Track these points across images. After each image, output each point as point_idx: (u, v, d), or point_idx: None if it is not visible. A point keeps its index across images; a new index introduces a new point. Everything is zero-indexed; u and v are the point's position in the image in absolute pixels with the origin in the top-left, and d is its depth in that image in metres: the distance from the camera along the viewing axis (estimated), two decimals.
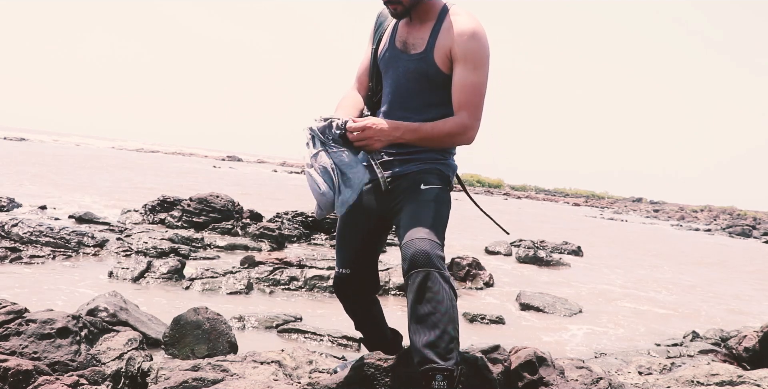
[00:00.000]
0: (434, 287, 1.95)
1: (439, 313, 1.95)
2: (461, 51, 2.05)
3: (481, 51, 2.06)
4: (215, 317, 3.50)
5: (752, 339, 4.42)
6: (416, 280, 1.95)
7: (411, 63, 2.14)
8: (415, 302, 1.97)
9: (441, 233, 2.06)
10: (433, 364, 1.92)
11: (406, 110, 2.17)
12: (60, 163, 21.62)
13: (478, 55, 2.06)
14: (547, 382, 2.63)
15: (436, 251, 1.98)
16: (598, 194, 61.47)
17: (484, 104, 2.09)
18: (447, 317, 1.95)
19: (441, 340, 1.94)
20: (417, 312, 1.97)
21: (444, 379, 1.93)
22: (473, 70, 2.05)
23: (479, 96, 2.07)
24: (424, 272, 1.94)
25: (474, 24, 2.08)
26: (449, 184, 2.24)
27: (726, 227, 30.90)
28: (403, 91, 2.18)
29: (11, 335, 2.83)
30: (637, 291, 8.14)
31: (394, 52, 2.20)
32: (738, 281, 10.68)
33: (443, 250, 2.03)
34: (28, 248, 5.92)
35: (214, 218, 8.60)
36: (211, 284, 5.47)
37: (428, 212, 2.06)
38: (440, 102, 2.14)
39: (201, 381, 2.58)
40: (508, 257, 10.00)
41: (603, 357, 4.48)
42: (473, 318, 5.42)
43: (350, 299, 2.44)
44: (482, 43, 2.07)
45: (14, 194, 9.81)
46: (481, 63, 2.06)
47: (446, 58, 2.09)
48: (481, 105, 2.07)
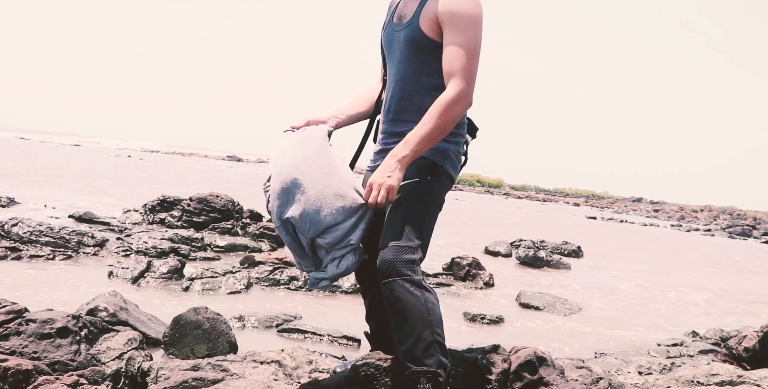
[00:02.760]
0: (401, 297, 1.95)
1: (411, 321, 1.96)
2: (446, 14, 1.97)
3: (466, 11, 1.96)
4: (215, 317, 3.50)
5: (752, 339, 4.42)
6: (385, 293, 1.99)
7: (401, 33, 2.10)
8: (389, 314, 2.02)
9: (413, 232, 2.01)
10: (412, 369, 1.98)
11: (403, 82, 2.12)
12: (60, 163, 21.62)
13: (462, 16, 1.96)
14: (547, 382, 2.63)
15: (401, 257, 1.96)
16: (598, 194, 61.47)
17: (475, 64, 1.94)
18: (421, 323, 1.96)
19: (416, 347, 1.97)
20: (392, 324, 2.03)
21: (428, 381, 1.96)
22: (459, 31, 1.96)
23: (465, 57, 1.94)
24: (389, 283, 1.96)
25: None
26: (431, 172, 2.09)
27: (726, 227, 30.91)
28: (400, 64, 2.13)
29: (11, 335, 2.83)
30: (636, 291, 8.14)
31: (391, 27, 2.17)
32: (738, 280, 10.68)
33: (416, 250, 1.99)
34: (28, 248, 5.92)
35: (214, 218, 8.59)
36: (211, 284, 5.47)
37: (399, 214, 2.02)
38: (432, 71, 2.06)
39: (201, 380, 2.58)
40: (508, 258, 10.00)
41: (603, 357, 4.48)
42: (473, 318, 5.42)
43: (368, 283, 2.38)
44: (466, 3, 1.97)
45: (14, 194, 9.81)
46: (466, 24, 1.96)
47: (434, 23, 2.01)
48: (470, 67, 1.94)
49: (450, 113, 1.95)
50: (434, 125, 1.95)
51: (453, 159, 2.15)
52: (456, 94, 1.94)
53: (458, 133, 2.16)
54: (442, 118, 1.95)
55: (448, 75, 1.97)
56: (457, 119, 1.99)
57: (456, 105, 1.95)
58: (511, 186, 58.80)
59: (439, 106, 1.95)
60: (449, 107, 1.94)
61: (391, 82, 2.17)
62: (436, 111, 1.95)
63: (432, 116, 1.95)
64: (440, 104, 1.95)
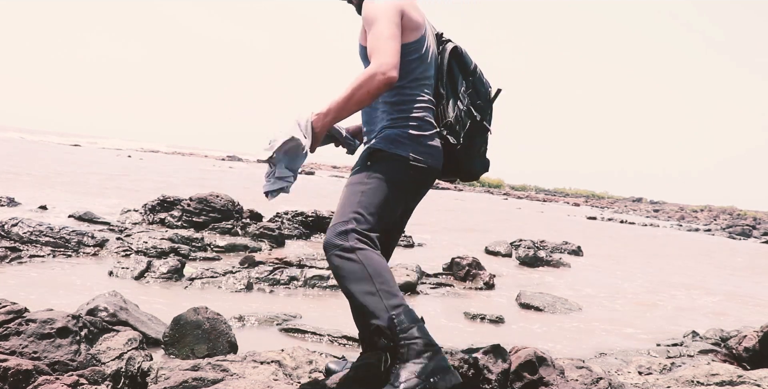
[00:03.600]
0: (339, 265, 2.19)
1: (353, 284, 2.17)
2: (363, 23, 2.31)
3: (369, 12, 2.25)
4: (215, 316, 3.50)
5: (752, 339, 4.42)
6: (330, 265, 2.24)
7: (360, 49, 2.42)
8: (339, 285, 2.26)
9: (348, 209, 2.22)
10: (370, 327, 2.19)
11: None
12: (60, 163, 21.62)
13: (367, 17, 2.26)
14: (547, 382, 2.63)
15: (333, 232, 2.20)
16: (598, 194, 61.48)
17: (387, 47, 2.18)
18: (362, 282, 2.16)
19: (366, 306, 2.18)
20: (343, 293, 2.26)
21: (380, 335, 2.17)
22: (369, 27, 2.25)
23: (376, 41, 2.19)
24: (328, 258, 2.22)
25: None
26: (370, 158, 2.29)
27: (726, 227, 30.92)
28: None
29: (11, 335, 2.83)
30: (637, 291, 8.14)
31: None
32: (739, 280, 10.68)
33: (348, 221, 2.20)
34: (28, 248, 5.92)
35: (214, 218, 8.60)
36: (211, 284, 5.47)
37: (340, 200, 2.28)
38: None
39: (201, 380, 2.58)
40: (508, 257, 10.00)
41: (603, 357, 4.48)
42: (473, 318, 5.42)
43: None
44: (368, 6, 2.27)
45: (14, 194, 9.81)
46: (371, 20, 2.23)
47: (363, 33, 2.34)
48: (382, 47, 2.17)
49: (365, 84, 2.15)
50: (349, 93, 2.17)
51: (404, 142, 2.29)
52: (371, 68, 2.15)
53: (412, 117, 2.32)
54: (355, 89, 2.17)
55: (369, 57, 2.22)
56: (372, 92, 2.16)
57: (370, 78, 2.14)
58: (511, 186, 58.81)
59: (357, 78, 2.18)
60: (364, 80, 2.16)
61: None
62: (354, 82, 2.18)
63: (349, 87, 2.18)
64: (357, 77, 2.18)
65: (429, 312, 5.63)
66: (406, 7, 2.28)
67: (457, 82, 2.41)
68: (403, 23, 2.26)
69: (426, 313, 5.63)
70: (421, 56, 2.33)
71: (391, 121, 2.31)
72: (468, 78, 2.45)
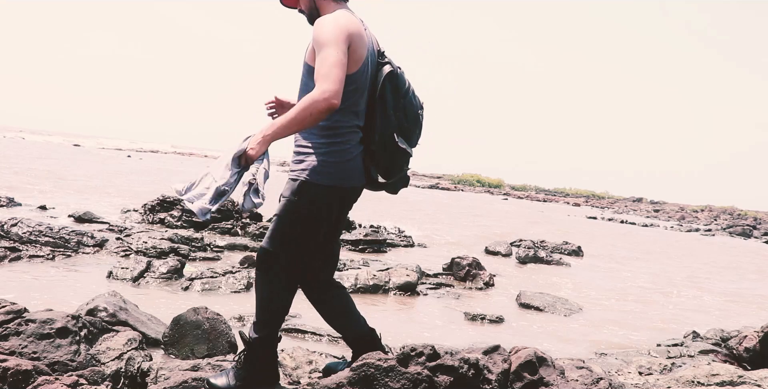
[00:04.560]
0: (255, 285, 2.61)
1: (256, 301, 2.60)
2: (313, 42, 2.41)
3: (320, 35, 2.37)
4: (215, 317, 3.50)
5: (753, 339, 4.41)
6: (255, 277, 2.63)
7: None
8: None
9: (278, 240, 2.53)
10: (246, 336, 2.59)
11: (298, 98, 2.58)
12: (59, 163, 21.62)
13: (318, 39, 2.38)
14: (547, 382, 2.63)
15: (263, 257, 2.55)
16: (599, 194, 61.45)
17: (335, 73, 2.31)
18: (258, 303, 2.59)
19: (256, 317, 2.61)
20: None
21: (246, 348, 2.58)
22: (318, 50, 2.36)
23: (324, 67, 2.32)
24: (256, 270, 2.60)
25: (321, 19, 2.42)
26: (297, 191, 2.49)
27: (726, 227, 30.90)
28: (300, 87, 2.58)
29: (11, 335, 2.83)
30: (637, 291, 8.14)
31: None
32: (739, 280, 10.68)
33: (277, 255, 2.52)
34: (28, 248, 5.91)
35: (213, 218, 8.59)
36: (211, 284, 5.46)
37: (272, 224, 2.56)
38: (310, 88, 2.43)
39: (201, 381, 2.58)
40: (508, 257, 10.00)
41: (603, 357, 4.48)
42: (473, 318, 5.42)
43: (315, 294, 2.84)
44: (319, 28, 2.39)
45: (14, 194, 9.81)
46: (321, 43, 2.36)
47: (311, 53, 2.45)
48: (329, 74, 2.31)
49: (309, 108, 2.29)
50: (293, 116, 2.32)
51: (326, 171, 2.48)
52: (316, 93, 2.29)
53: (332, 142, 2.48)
54: (299, 112, 2.31)
55: (315, 81, 2.35)
56: (314, 115, 2.31)
57: (315, 102, 2.29)
58: (511, 186, 58.80)
59: (302, 101, 2.32)
60: (309, 104, 2.30)
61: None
62: (299, 105, 2.32)
63: (295, 108, 2.33)
64: (303, 100, 2.32)
65: (429, 312, 5.62)
66: (354, 36, 2.40)
67: (387, 106, 2.54)
68: (348, 53, 2.38)
69: (426, 313, 5.65)
70: (357, 88, 2.47)
71: (318, 145, 2.49)
72: (399, 100, 2.57)
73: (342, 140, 2.49)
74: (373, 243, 8.80)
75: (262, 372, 2.58)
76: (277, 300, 2.58)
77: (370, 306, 5.50)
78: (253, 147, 2.39)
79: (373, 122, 2.54)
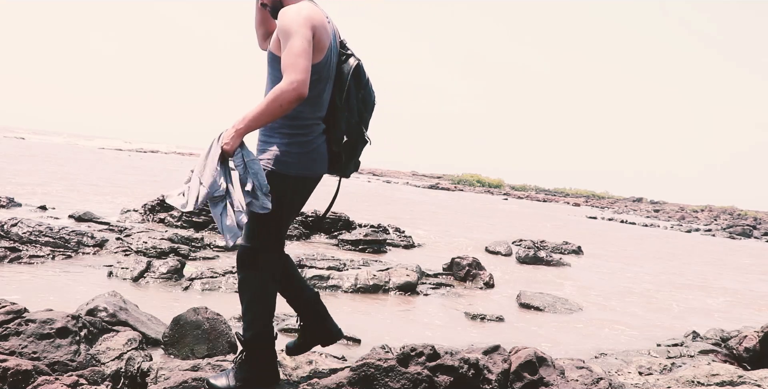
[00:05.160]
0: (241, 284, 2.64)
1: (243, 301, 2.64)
2: (278, 32, 2.45)
3: (285, 25, 2.42)
4: (215, 317, 3.50)
5: (753, 339, 4.41)
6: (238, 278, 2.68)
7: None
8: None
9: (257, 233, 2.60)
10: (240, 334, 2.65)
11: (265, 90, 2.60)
12: (59, 163, 21.62)
13: (283, 29, 2.42)
14: (547, 382, 2.63)
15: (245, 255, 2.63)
16: (599, 194, 61.44)
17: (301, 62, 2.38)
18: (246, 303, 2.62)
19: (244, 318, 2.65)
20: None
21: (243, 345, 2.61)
22: (284, 40, 2.42)
23: (290, 58, 2.38)
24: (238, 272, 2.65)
25: (285, 9, 2.46)
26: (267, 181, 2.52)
27: (726, 227, 30.90)
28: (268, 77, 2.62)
29: (11, 335, 2.83)
30: (637, 291, 8.14)
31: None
32: (739, 280, 10.68)
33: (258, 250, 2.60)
34: (28, 248, 5.91)
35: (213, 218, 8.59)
36: (211, 284, 5.46)
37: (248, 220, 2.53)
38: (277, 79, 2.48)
39: (201, 381, 2.58)
40: (508, 257, 9.99)
41: (603, 357, 4.47)
42: (473, 318, 5.42)
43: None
44: (284, 18, 2.43)
45: (14, 194, 9.81)
46: (287, 33, 2.40)
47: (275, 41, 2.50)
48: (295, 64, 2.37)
49: (278, 99, 2.36)
50: (263, 107, 2.38)
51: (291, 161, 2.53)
52: (284, 84, 2.35)
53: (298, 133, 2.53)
54: (269, 103, 2.37)
55: (282, 71, 2.40)
56: (284, 105, 2.37)
57: (283, 93, 2.35)
58: (511, 186, 58.80)
59: (271, 93, 2.38)
60: (277, 94, 2.36)
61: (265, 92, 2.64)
62: (268, 97, 2.38)
63: (265, 100, 2.39)
64: (272, 92, 2.38)
65: (429, 312, 5.62)
66: (318, 25, 2.45)
67: (351, 97, 2.63)
68: (313, 43, 2.43)
69: (426, 313, 5.65)
70: (320, 78, 2.52)
71: (281, 135, 2.53)
72: (360, 91, 2.67)
73: (305, 131, 2.54)
74: (373, 243, 8.80)
75: (261, 371, 2.59)
76: (268, 294, 2.61)
77: (370, 306, 5.50)
78: (227, 142, 2.42)
79: (340, 113, 2.61)
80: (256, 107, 2.40)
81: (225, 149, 2.42)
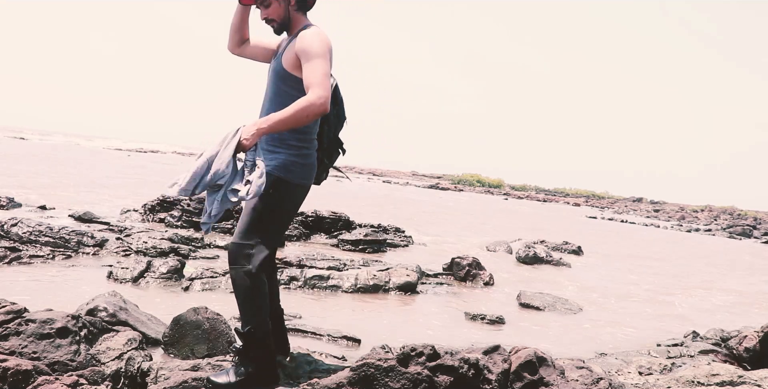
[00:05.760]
0: (236, 280, 2.69)
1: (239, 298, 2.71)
2: (300, 51, 2.67)
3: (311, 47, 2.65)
4: (215, 317, 3.50)
5: (753, 339, 4.41)
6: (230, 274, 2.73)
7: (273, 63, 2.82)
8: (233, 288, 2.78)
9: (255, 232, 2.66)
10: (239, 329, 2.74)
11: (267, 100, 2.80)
12: (59, 162, 21.62)
13: (308, 50, 2.65)
14: (547, 382, 2.63)
15: (240, 252, 2.65)
16: (599, 194, 61.45)
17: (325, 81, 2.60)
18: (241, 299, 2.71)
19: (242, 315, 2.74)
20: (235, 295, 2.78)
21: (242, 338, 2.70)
22: (308, 60, 2.64)
23: (318, 76, 2.60)
24: (231, 269, 2.69)
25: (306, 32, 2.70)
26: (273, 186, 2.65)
27: (726, 227, 30.90)
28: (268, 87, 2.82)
29: (11, 335, 2.83)
30: (637, 291, 8.14)
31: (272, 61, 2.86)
32: (739, 280, 10.68)
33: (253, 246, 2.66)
34: (28, 248, 5.91)
35: None
36: (211, 284, 5.46)
37: (246, 217, 2.68)
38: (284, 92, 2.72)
39: (201, 381, 2.58)
40: (508, 257, 9.99)
41: (603, 357, 4.47)
42: (473, 318, 5.42)
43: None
44: (309, 41, 2.67)
45: (14, 194, 9.80)
46: (312, 54, 2.64)
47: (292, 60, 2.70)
48: (324, 83, 2.59)
49: (306, 109, 2.54)
50: (291, 114, 2.54)
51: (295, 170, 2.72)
52: (314, 98, 2.55)
53: (302, 146, 2.73)
54: (298, 111, 2.54)
55: (307, 86, 2.60)
56: (310, 116, 2.56)
57: (311, 105, 2.54)
58: (511, 186, 58.81)
59: (299, 102, 2.55)
60: (306, 106, 2.54)
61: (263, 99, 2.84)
62: (296, 105, 2.54)
63: (292, 107, 2.54)
64: (300, 101, 2.55)
65: (429, 312, 5.62)
66: (331, 51, 2.71)
67: (330, 114, 2.88)
68: None
69: (426, 313, 5.65)
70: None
71: (289, 146, 2.71)
72: (335, 108, 2.91)
73: (308, 145, 2.76)
74: (373, 243, 8.79)
75: (261, 368, 2.64)
76: (261, 289, 2.70)
77: (371, 306, 5.50)
78: (246, 137, 2.53)
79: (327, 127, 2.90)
80: (283, 113, 2.54)
81: (244, 144, 2.52)
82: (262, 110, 2.82)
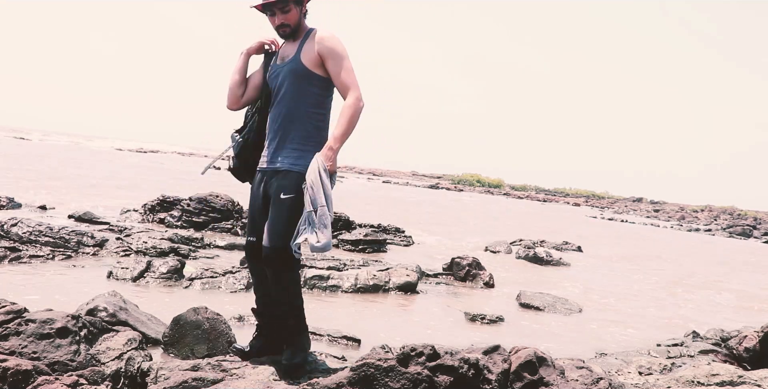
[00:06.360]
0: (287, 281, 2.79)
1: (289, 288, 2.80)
2: (326, 50, 2.78)
3: (337, 47, 2.79)
4: (215, 317, 3.50)
5: (752, 339, 4.41)
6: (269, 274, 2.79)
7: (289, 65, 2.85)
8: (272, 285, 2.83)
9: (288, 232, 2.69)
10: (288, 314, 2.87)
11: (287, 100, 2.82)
12: (59, 163, 21.62)
13: (336, 50, 2.78)
14: (547, 382, 2.63)
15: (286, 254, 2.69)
16: (599, 194, 61.47)
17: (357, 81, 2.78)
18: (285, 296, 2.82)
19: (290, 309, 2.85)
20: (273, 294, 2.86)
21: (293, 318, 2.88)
22: (337, 60, 2.77)
23: (351, 77, 2.76)
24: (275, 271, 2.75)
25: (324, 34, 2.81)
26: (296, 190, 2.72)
27: (726, 227, 30.91)
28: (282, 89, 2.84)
29: (11, 335, 2.82)
30: (637, 291, 8.14)
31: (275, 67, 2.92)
32: (739, 280, 10.68)
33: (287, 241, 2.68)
34: (28, 248, 5.91)
35: (213, 218, 8.59)
36: (211, 284, 5.46)
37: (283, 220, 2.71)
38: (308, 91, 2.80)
39: (201, 381, 2.58)
40: (508, 257, 9.99)
41: (603, 357, 4.47)
42: (473, 318, 5.41)
43: (254, 260, 2.92)
44: (336, 41, 2.80)
45: (14, 194, 9.80)
46: (341, 55, 2.78)
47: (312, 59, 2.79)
48: (356, 82, 2.77)
49: (357, 113, 2.72)
50: (349, 123, 2.69)
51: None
52: (354, 100, 2.72)
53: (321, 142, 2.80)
54: (352, 118, 2.71)
55: (345, 87, 2.75)
56: (359, 118, 2.73)
57: (359, 108, 2.72)
58: (511, 186, 58.82)
59: (349, 108, 2.71)
60: (355, 110, 2.71)
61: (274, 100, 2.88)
62: (346, 113, 2.70)
63: (346, 117, 2.70)
64: (348, 108, 2.71)
65: (429, 312, 5.62)
66: None
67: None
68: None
69: (426, 313, 5.65)
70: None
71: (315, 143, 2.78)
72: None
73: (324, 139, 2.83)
74: (373, 243, 8.79)
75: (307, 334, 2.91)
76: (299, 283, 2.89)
77: (371, 306, 5.50)
78: (331, 163, 2.69)
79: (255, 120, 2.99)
80: (342, 126, 2.69)
81: (333, 169, 2.70)
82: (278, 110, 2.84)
